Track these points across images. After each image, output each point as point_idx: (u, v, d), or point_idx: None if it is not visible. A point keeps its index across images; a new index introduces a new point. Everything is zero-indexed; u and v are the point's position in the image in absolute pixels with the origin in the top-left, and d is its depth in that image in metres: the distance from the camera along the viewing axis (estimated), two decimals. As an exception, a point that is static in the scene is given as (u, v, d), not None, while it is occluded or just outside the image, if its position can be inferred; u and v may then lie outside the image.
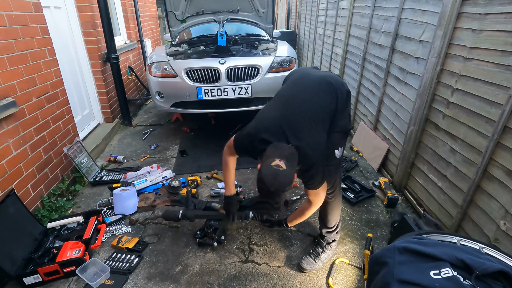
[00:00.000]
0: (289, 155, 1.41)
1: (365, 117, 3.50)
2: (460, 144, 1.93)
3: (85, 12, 3.47)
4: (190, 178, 2.77)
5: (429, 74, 2.17)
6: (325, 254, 1.93)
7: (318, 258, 1.91)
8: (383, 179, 2.71)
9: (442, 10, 2.04)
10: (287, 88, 1.73)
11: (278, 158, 1.37)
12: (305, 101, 1.58)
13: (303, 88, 1.66)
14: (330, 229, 1.92)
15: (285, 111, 1.55)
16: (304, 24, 7.15)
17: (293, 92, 1.65)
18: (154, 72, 3.35)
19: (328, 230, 1.93)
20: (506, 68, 1.58)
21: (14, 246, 1.86)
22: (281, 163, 1.35)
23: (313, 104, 1.58)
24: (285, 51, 3.60)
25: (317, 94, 1.61)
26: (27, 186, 2.18)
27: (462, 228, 1.92)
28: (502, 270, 0.89)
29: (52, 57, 2.58)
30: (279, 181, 1.34)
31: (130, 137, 3.89)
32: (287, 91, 1.70)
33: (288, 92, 1.68)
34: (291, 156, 1.42)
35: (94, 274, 1.81)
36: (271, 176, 1.33)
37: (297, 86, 1.70)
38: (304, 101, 1.58)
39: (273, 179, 1.33)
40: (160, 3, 4.35)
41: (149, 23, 6.29)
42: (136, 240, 2.08)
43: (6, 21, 2.05)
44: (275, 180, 1.34)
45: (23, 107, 2.18)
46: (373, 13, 3.22)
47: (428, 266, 0.96)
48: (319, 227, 1.99)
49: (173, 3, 3.62)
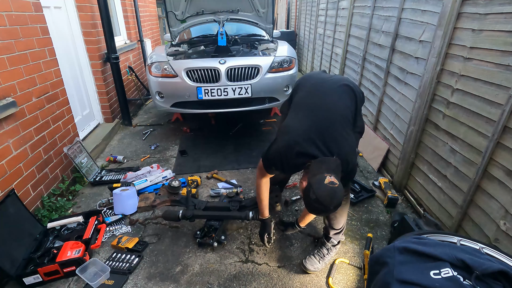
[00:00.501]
0: (336, 167, 1.40)
1: (365, 117, 3.50)
2: (460, 144, 1.93)
3: (85, 12, 3.47)
4: (190, 178, 2.77)
5: (429, 74, 2.17)
6: (329, 255, 1.93)
7: (323, 259, 1.90)
8: (383, 179, 2.71)
9: (442, 10, 2.04)
10: (308, 96, 1.69)
11: (327, 173, 1.34)
12: (332, 106, 1.58)
13: (324, 93, 1.65)
14: (338, 230, 1.90)
15: (316, 118, 1.53)
16: (304, 24, 7.15)
17: (317, 100, 1.63)
18: (154, 72, 3.35)
19: (336, 232, 1.91)
20: (506, 68, 1.58)
21: (14, 246, 1.86)
22: (333, 179, 1.32)
23: (339, 108, 1.58)
24: (285, 51, 3.60)
25: (340, 98, 1.62)
26: (27, 186, 2.18)
27: (462, 228, 1.92)
28: (502, 270, 0.89)
29: (52, 57, 2.58)
30: (337, 199, 1.32)
31: (130, 137, 3.89)
32: (309, 99, 1.66)
33: (311, 101, 1.64)
34: (337, 168, 1.41)
35: (94, 274, 1.81)
36: (328, 196, 1.30)
37: (318, 92, 1.67)
38: (331, 107, 1.58)
39: (331, 199, 1.30)
40: (160, 3, 4.36)
41: (149, 23, 6.29)
42: (136, 240, 2.08)
43: (6, 21, 2.05)
44: (334, 199, 1.31)
45: (23, 107, 2.18)
46: (373, 13, 3.22)
47: (428, 266, 0.95)
48: (325, 229, 1.96)
49: (173, 3, 3.62)
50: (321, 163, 1.40)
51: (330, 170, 1.37)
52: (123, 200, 2.39)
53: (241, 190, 2.67)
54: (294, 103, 1.72)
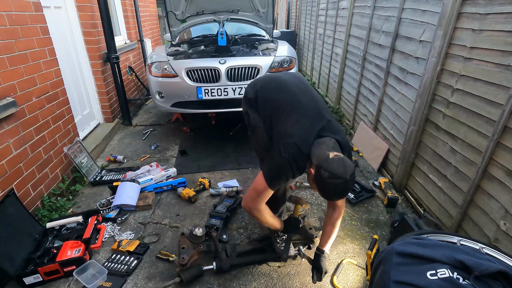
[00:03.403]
0: (334, 145, 1.41)
1: (365, 117, 3.50)
2: (460, 144, 1.93)
3: (85, 12, 3.47)
4: (201, 179, 2.74)
5: (429, 74, 2.17)
6: None
7: None
8: (383, 179, 2.71)
9: (442, 10, 2.04)
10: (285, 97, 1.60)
11: (328, 151, 1.33)
12: (312, 98, 1.60)
13: (298, 90, 1.63)
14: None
15: (308, 114, 1.52)
16: (304, 24, 7.15)
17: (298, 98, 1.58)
18: (154, 72, 3.35)
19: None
20: (506, 68, 1.58)
21: (14, 246, 1.86)
22: (336, 153, 1.32)
23: (317, 98, 1.62)
24: (285, 51, 3.60)
25: (310, 92, 1.65)
26: (27, 186, 2.18)
27: (462, 228, 1.92)
28: (502, 270, 0.89)
29: (52, 57, 2.58)
30: (350, 166, 1.29)
31: (130, 137, 3.89)
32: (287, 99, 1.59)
33: (291, 100, 1.58)
34: (335, 145, 1.41)
35: (92, 276, 1.80)
36: (341, 166, 1.27)
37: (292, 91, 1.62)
38: (312, 99, 1.60)
39: (344, 167, 1.27)
40: (160, 3, 4.36)
41: (149, 23, 6.29)
42: (137, 243, 2.07)
43: (6, 21, 2.05)
44: (347, 166, 1.28)
45: (23, 107, 2.18)
46: (373, 13, 3.22)
47: (425, 267, 0.96)
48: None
49: (173, 3, 3.61)
50: (320, 145, 1.40)
51: (330, 147, 1.37)
52: (128, 189, 2.43)
53: (241, 189, 2.67)
54: (273, 108, 1.60)
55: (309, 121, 1.50)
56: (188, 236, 1.89)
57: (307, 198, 2.58)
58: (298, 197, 1.99)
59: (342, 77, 4.32)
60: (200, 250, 1.86)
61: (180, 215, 2.40)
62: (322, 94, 5.44)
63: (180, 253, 1.80)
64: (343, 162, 1.28)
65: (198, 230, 1.88)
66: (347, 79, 4.16)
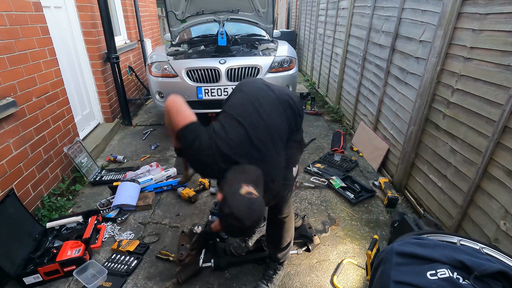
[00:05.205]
0: (256, 178, 1.19)
1: (365, 117, 3.50)
2: (460, 144, 1.93)
3: (85, 12, 3.47)
4: (200, 179, 2.74)
5: (429, 74, 2.17)
6: (278, 275, 1.79)
7: (271, 282, 1.76)
8: (383, 179, 2.71)
9: (442, 10, 2.04)
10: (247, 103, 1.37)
11: (245, 183, 1.13)
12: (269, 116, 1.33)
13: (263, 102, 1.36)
14: (284, 249, 1.74)
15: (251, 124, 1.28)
16: (304, 24, 7.15)
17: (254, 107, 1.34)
18: (154, 72, 3.35)
19: (282, 251, 1.75)
20: (506, 68, 1.58)
21: (14, 246, 1.86)
22: (251, 189, 1.11)
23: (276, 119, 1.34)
24: (285, 51, 3.60)
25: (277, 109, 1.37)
26: (27, 186, 2.18)
27: (462, 228, 1.92)
28: (501, 270, 0.89)
29: (52, 57, 2.58)
30: (256, 213, 1.10)
31: (130, 137, 3.89)
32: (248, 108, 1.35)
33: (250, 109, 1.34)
34: (258, 179, 1.20)
35: (92, 276, 1.81)
36: (245, 208, 1.07)
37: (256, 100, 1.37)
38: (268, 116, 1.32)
39: (248, 212, 1.07)
40: (160, 3, 4.36)
41: (149, 23, 6.29)
42: (137, 243, 2.07)
43: (6, 21, 2.05)
44: (251, 211, 1.08)
45: (23, 107, 2.18)
46: (373, 13, 3.22)
47: (425, 267, 0.96)
48: (269, 250, 1.81)
49: (173, 3, 3.62)
50: (240, 172, 1.19)
51: (249, 180, 1.16)
52: (127, 189, 2.43)
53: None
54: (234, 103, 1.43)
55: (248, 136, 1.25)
56: (188, 234, 1.93)
57: (307, 197, 2.59)
58: None
59: (342, 77, 4.33)
60: (194, 241, 1.87)
61: (180, 215, 2.40)
62: (322, 94, 5.45)
63: (179, 250, 1.85)
64: (250, 206, 1.08)
65: (197, 228, 1.92)
66: (347, 79, 4.16)
